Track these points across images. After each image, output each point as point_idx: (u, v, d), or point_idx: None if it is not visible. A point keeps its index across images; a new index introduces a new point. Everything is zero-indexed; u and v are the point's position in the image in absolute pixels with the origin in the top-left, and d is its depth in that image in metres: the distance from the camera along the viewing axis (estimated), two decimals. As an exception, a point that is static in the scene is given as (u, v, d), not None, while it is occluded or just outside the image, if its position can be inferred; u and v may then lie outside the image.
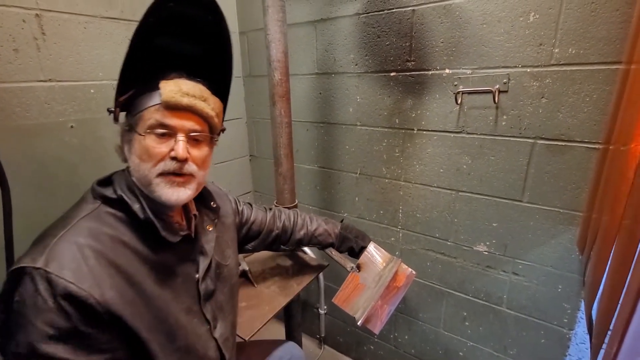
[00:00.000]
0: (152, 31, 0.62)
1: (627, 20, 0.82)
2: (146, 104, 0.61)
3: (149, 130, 0.60)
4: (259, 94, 1.62)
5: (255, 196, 1.85)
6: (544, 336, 1.13)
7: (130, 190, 0.62)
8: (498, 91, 1.01)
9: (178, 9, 0.63)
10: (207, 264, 0.72)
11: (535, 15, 0.92)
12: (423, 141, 1.20)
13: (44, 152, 1.00)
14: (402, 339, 1.49)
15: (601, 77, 0.88)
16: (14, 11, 0.90)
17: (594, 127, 0.92)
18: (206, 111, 0.63)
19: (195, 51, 0.69)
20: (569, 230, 1.01)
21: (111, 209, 0.61)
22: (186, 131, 0.61)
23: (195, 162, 0.63)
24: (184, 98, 0.60)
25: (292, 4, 1.36)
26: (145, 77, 0.62)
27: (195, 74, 0.66)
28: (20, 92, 0.94)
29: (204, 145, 0.66)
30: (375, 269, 0.98)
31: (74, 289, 0.51)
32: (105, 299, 0.54)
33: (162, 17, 0.61)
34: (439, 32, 1.08)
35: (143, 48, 0.61)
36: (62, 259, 0.52)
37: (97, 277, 0.54)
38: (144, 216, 0.61)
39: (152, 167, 0.60)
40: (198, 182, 0.65)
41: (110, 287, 0.55)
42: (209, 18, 0.67)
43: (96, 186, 0.63)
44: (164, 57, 0.65)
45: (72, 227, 0.56)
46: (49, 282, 0.50)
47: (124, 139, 0.64)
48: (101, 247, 0.57)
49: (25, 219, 0.96)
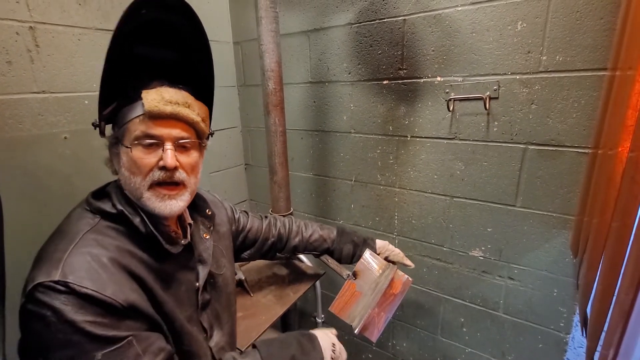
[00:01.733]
0: (129, 40, 0.61)
1: (612, 28, 0.85)
2: (130, 115, 0.60)
3: (136, 142, 0.59)
4: (254, 103, 1.63)
5: (251, 204, 1.85)
6: (541, 341, 1.13)
7: (130, 204, 0.61)
8: (489, 98, 1.03)
9: (152, 15, 0.62)
10: (206, 272, 0.72)
11: (523, 24, 0.95)
12: (417, 148, 1.21)
13: (37, 163, 0.99)
14: (401, 346, 1.48)
15: (588, 83, 0.90)
16: (8, 24, 0.91)
17: (583, 132, 0.93)
18: (191, 117, 0.62)
19: (175, 57, 0.69)
20: (562, 234, 1.02)
21: (112, 223, 0.61)
22: (173, 139, 0.61)
23: (185, 170, 0.63)
24: (167, 106, 0.59)
25: (285, 14, 1.38)
26: (127, 88, 0.61)
27: (178, 81, 0.65)
28: (13, 104, 0.94)
29: (193, 151, 0.65)
30: (372, 276, 0.98)
31: (99, 297, 0.51)
32: (130, 301, 0.54)
33: (137, 25, 0.61)
34: (429, 41, 1.10)
35: (121, 58, 0.61)
36: (80, 271, 0.52)
37: (118, 282, 0.54)
38: (145, 230, 0.61)
39: (142, 179, 0.59)
40: (190, 190, 0.65)
41: (131, 290, 0.56)
42: (185, 22, 0.66)
43: (92, 200, 0.62)
44: (144, 66, 0.64)
45: (80, 241, 0.56)
46: (72, 293, 0.50)
47: (112, 152, 0.64)
48: (114, 255, 0.57)
49: (18, 231, 0.95)
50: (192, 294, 0.70)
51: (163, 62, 0.67)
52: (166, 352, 0.58)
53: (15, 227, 0.95)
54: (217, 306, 0.76)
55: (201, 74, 0.71)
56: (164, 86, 0.62)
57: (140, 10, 0.60)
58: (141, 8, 0.59)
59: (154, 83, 0.62)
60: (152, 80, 0.63)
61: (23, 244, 0.60)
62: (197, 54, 0.70)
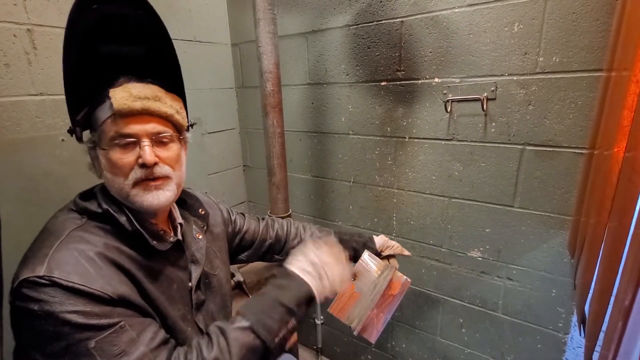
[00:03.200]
0: (88, 39, 0.59)
1: (607, 29, 0.85)
2: (102, 116, 0.59)
3: (112, 143, 0.58)
4: (252, 105, 1.63)
5: (249, 206, 1.85)
6: (540, 341, 1.13)
7: (115, 203, 0.61)
8: (486, 99, 1.03)
9: (105, 10, 0.60)
10: (199, 272, 0.72)
11: (520, 26, 0.95)
12: (415, 149, 1.22)
13: (35, 166, 0.99)
14: (400, 347, 1.48)
15: (585, 84, 0.91)
16: (5, 26, 0.91)
17: (580, 133, 0.94)
18: (163, 110, 0.61)
19: (139, 52, 0.66)
20: (560, 234, 1.02)
21: (98, 222, 0.60)
22: (149, 135, 0.60)
23: (167, 163, 0.62)
24: (137, 102, 0.57)
25: (283, 16, 1.38)
26: (95, 89, 0.60)
27: (146, 75, 0.63)
28: (10, 106, 0.94)
29: (172, 144, 0.64)
30: (370, 277, 0.98)
31: (86, 289, 0.50)
32: (120, 293, 0.54)
33: (94, 22, 0.59)
34: (427, 42, 1.10)
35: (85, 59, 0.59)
36: (66, 265, 0.51)
37: (106, 276, 0.54)
38: (131, 228, 0.60)
39: (125, 179, 0.59)
40: (176, 182, 0.64)
41: (120, 283, 0.55)
42: (140, 13, 0.63)
43: (79, 200, 0.62)
44: (109, 65, 0.62)
45: (66, 237, 0.55)
46: (57, 287, 0.49)
47: (92, 157, 0.63)
48: (101, 250, 0.56)
49: (15, 234, 0.94)
50: (185, 294, 0.69)
51: (128, 58, 0.65)
52: (162, 336, 0.57)
53: (12, 230, 0.94)
54: (212, 307, 0.76)
55: (167, 65, 0.69)
56: (132, 82, 0.60)
57: (91, 4, 0.57)
58: (92, 3, 0.57)
59: (121, 80, 0.60)
60: (119, 78, 0.61)
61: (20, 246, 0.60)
62: (159, 46, 0.67)
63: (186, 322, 0.68)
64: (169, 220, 0.72)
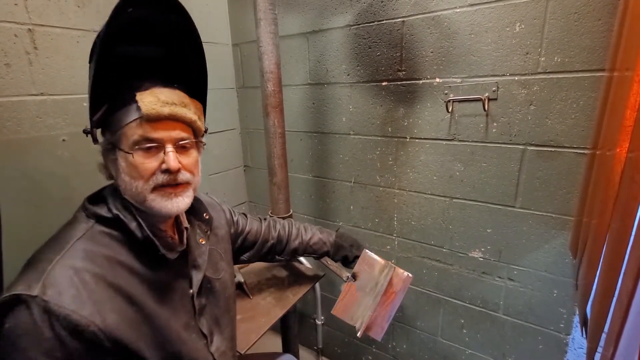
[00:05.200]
0: (115, 40, 0.58)
1: (609, 29, 0.85)
2: (125, 119, 0.58)
3: (136, 147, 0.57)
4: (253, 105, 1.63)
5: (250, 206, 1.84)
6: (541, 342, 1.13)
7: (126, 208, 0.60)
8: (488, 99, 1.03)
9: (139, 13, 0.59)
10: (200, 278, 0.71)
11: (521, 26, 0.95)
12: (416, 149, 1.21)
13: (36, 166, 0.99)
14: (401, 348, 1.48)
15: (587, 84, 0.90)
16: (6, 26, 0.91)
17: (581, 133, 0.94)
18: (189, 116, 0.61)
19: (164, 55, 0.66)
20: (561, 235, 1.02)
21: (106, 228, 0.59)
22: (173, 141, 0.59)
23: (188, 169, 0.62)
24: (165, 108, 0.57)
25: (284, 16, 1.38)
26: (118, 90, 0.59)
27: (170, 80, 0.63)
28: (11, 106, 0.93)
29: (193, 150, 0.64)
30: (371, 276, 0.98)
31: (75, 318, 0.49)
32: (107, 324, 0.52)
33: (123, 24, 0.58)
34: (428, 42, 1.10)
35: (110, 60, 0.58)
36: (61, 286, 0.51)
37: (98, 302, 0.53)
38: (142, 235, 0.59)
39: (144, 183, 0.58)
40: (194, 188, 0.65)
41: (112, 310, 0.54)
42: (172, 18, 0.63)
43: (88, 204, 0.61)
44: (134, 67, 0.62)
45: (68, 251, 0.54)
46: (47, 312, 0.48)
47: (107, 158, 0.62)
48: (99, 270, 0.55)
49: (16, 234, 0.94)
50: (187, 301, 0.68)
51: (153, 61, 0.65)
52: None
53: (13, 231, 0.94)
54: (215, 311, 0.75)
55: (193, 70, 0.69)
56: (158, 87, 0.60)
57: (126, 8, 0.57)
58: (128, 6, 0.57)
59: (147, 84, 0.60)
60: (144, 81, 0.60)
61: (21, 247, 0.60)
62: (188, 50, 0.67)
63: (189, 330, 0.67)
64: (174, 225, 0.72)
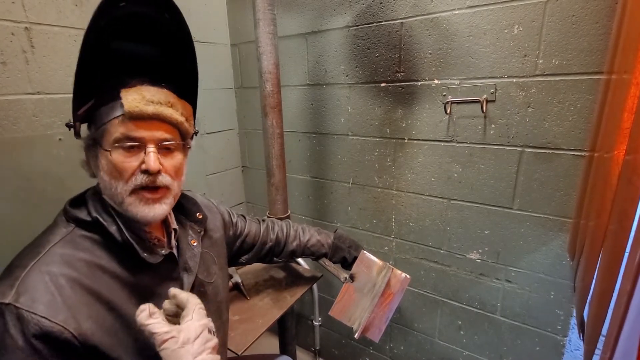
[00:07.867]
0: (105, 35, 0.57)
1: (607, 32, 0.85)
2: (109, 116, 0.56)
3: (116, 145, 0.56)
4: (251, 106, 1.63)
5: (248, 207, 1.84)
6: (538, 344, 1.13)
7: (106, 211, 0.58)
8: (486, 101, 1.03)
9: (131, 8, 0.58)
10: (191, 281, 0.68)
11: (519, 28, 0.95)
12: (414, 150, 1.21)
13: (31, 165, 0.98)
14: (398, 349, 1.48)
15: (584, 87, 0.91)
16: (3, 24, 0.90)
17: (579, 135, 0.94)
18: (175, 117, 0.59)
19: (156, 54, 0.65)
20: (559, 237, 1.02)
21: (86, 232, 0.57)
22: (156, 141, 0.58)
23: (169, 173, 0.60)
24: (149, 106, 0.56)
25: (283, 16, 1.38)
26: (104, 86, 0.58)
27: (159, 79, 0.61)
28: (7, 105, 0.93)
29: (177, 153, 0.62)
30: (369, 277, 0.98)
31: (47, 325, 0.48)
32: (82, 330, 0.51)
33: (115, 19, 0.57)
34: (427, 44, 1.10)
35: (98, 53, 0.57)
36: (34, 292, 0.49)
37: (73, 307, 0.51)
38: (122, 239, 0.57)
39: (124, 184, 0.56)
40: (173, 194, 0.62)
41: (88, 316, 0.52)
42: (166, 16, 0.62)
43: (69, 207, 0.59)
44: (123, 63, 0.60)
45: (44, 256, 0.53)
46: (19, 319, 0.47)
47: (89, 154, 0.60)
48: (77, 275, 0.53)
49: (11, 233, 0.94)
50: None
51: (143, 58, 0.63)
52: None
53: (7, 229, 0.94)
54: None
55: (184, 71, 0.68)
56: (145, 84, 0.58)
57: (118, 2, 0.56)
58: (120, 0, 0.56)
59: (134, 81, 0.58)
60: (132, 79, 0.59)
61: (15, 246, 0.59)
62: (179, 50, 0.66)
63: None
64: (163, 226, 0.69)
